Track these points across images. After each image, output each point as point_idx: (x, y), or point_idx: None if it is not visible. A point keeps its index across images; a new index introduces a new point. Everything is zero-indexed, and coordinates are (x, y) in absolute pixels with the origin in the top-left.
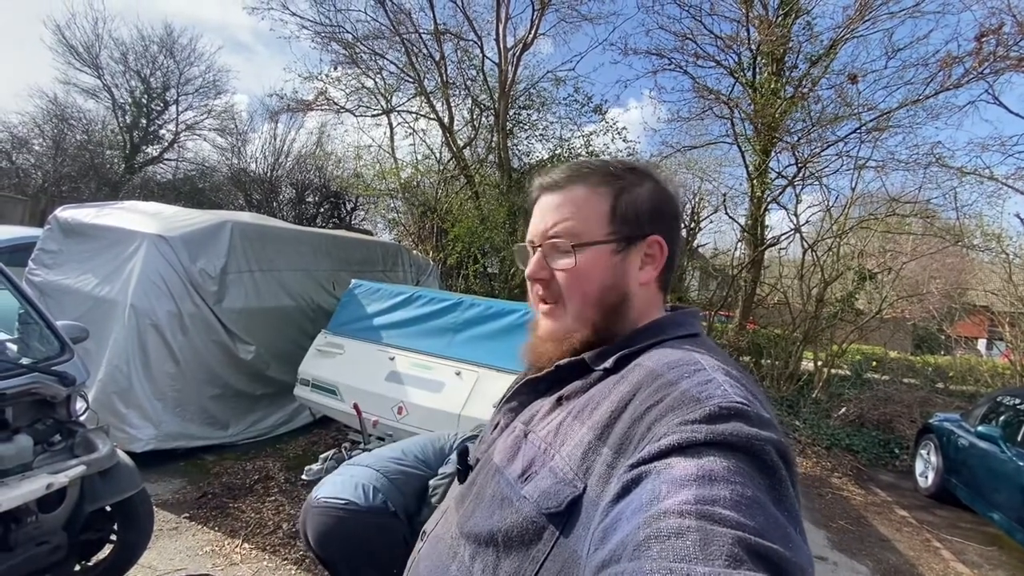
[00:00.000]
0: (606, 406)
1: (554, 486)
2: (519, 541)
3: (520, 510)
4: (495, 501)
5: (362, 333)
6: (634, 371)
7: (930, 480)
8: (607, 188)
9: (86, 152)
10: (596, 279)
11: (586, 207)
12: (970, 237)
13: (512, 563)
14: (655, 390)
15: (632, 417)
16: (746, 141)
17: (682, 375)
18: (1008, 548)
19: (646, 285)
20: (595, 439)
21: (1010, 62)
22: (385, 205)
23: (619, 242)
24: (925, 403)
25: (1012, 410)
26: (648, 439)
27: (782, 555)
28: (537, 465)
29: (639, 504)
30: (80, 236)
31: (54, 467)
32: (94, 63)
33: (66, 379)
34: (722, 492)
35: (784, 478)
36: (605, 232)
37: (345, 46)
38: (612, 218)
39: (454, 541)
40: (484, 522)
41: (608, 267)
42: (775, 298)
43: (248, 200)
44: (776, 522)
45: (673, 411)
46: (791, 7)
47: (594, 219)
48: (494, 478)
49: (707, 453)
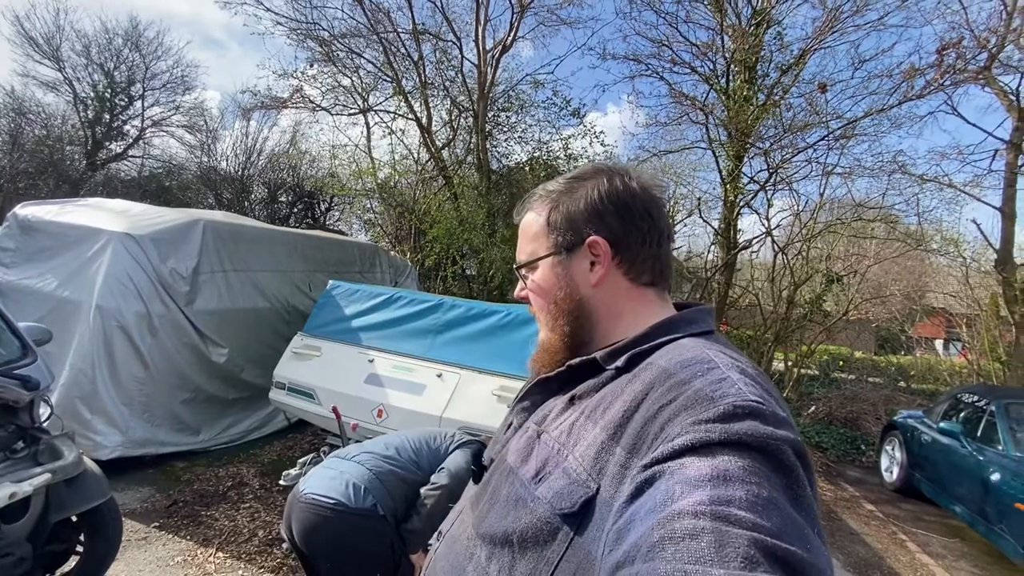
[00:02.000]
0: (619, 405)
1: (568, 487)
2: (534, 542)
3: (534, 511)
4: (509, 502)
5: (340, 335)
6: (647, 370)
7: (895, 475)
8: (543, 205)
9: (45, 147)
10: (550, 292)
11: (529, 230)
12: (930, 242)
13: (527, 564)
14: (668, 389)
15: (645, 417)
16: (720, 146)
17: (695, 373)
18: (970, 539)
19: (599, 286)
20: (608, 439)
21: (968, 75)
22: (361, 205)
23: (557, 252)
24: (889, 401)
25: (971, 407)
26: (662, 439)
27: (800, 556)
28: (551, 466)
29: (653, 505)
30: (41, 234)
31: (17, 475)
32: (54, 55)
33: (29, 383)
34: (737, 492)
35: (801, 478)
36: (545, 247)
37: (321, 44)
38: (547, 232)
39: (470, 542)
40: (499, 523)
41: (554, 278)
42: (747, 300)
43: (218, 199)
44: (793, 523)
45: (687, 410)
46: (763, 17)
47: (537, 237)
48: (508, 479)
49: (721, 453)
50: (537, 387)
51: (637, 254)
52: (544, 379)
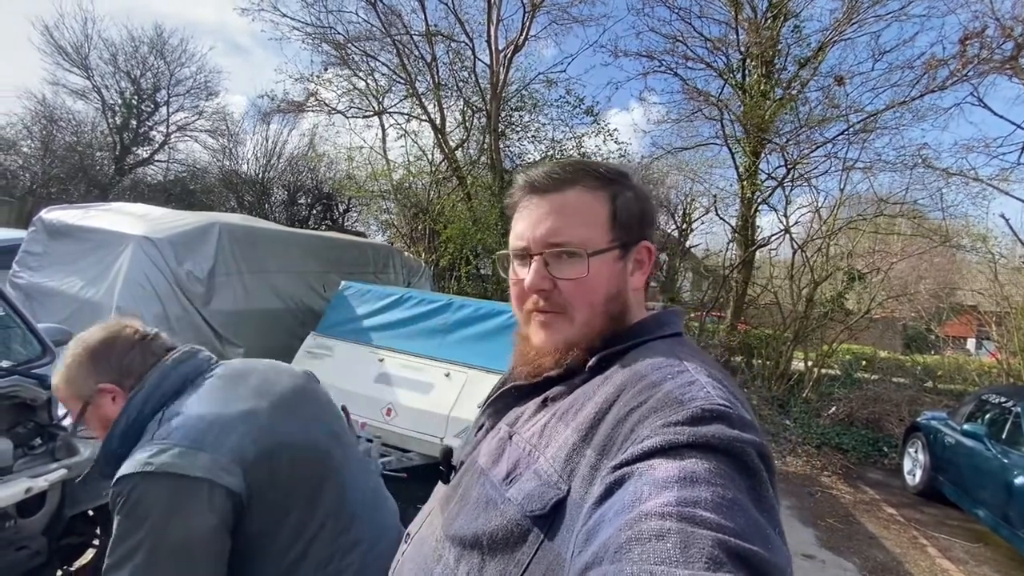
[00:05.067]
0: (590, 407)
1: (538, 488)
2: (504, 544)
3: (505, 513)
4: (480, 503)
5: (351, 335)
6: (618, 372)
7: (918, 478)
8: (603, 192)
9: (75, 154)
10: (603, 288)
11: (587, 212)
12: (957, 238)
13: (497, 566)
14: (639, 391)
15: (616, 418)
16: (736, 143)
17: (666, 376)
18: (994, 545)
19: (638, 291)
20: (579, 440)
21: (993, 64)
22: (378, 207)
23: (620, 248)
24: (913, 402)
25: (997, 408)
26: (631, 440)
27: (762, 556)
28: (522, 467)
29: (621, 506)
30: (65, 238)
31: (34, 471)
32: (83, 64)
33: (47, 382)
34: (703, 494)
35: (764, 480)
36: (608, 239)
37: (336, 47)
38: (613, 224)
39: (439, 544)
40: (469, 525)
41: (613, 275)
42: (766, 298)
43: (240, 202)
44: (756, 524)
45: (656, 412)
46: (779, 10)
47: (597, 225)
48: (479, 480)
49: (689, 455)
50: (512, 391)
51: (655, 262)
52: (520, 387)
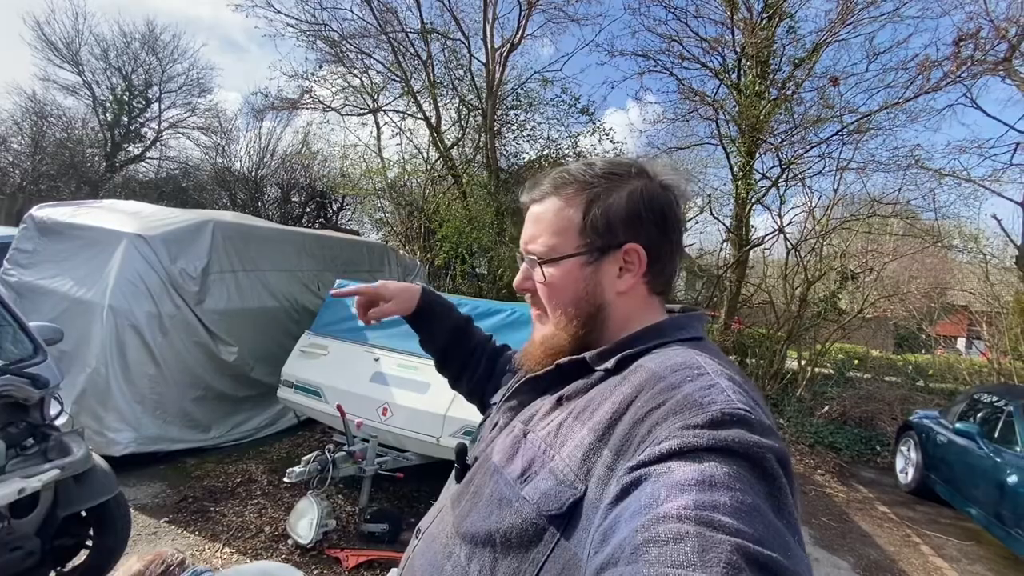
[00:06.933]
0: (607, 407)
1: (555, 488)
2: (518, 542)
3: (520, 511)
4: (493, 501)
5: (347, 334)
6: (636, 373)
7: (910, 476)
8: (580, 198)
9: (66, 150)
10: (569, 291)
11: (557, 220)
12: (949, 238)
13: (511, 564)
14: (657, 393)
15: (633, 419)
16: (731, 142)
17: (685, 378)
18: (986, 543)
19: (625, 294)
20: (596, 440)
21: (987, 66)
22: (372, 205)
23: (590, 253)
24: (906, 401)
25: (989, 407)
26: (649, 442)
27: (781, 564)
28: (537, 466)
29: (638, 507)
30: (56, 235)
31: (27, 471)
32: (74, 60)
33: (39, 381)
34: (722, 498)
35: (784, 486)
36: (575, 245)
37: (331, 44)
38: (583, 230)
39: (449, 540)
40: (482, 522)
41: (580, 279)
42: (760, 298)
43: (233, 199)
44: (775, 530)
45: (675, 415)
46: (775, 10)
47: (565, 232)
48: (492, 478)
49: (708, 458)
50: (525, 386)
51: (664, 266)
52: (533, 378)
